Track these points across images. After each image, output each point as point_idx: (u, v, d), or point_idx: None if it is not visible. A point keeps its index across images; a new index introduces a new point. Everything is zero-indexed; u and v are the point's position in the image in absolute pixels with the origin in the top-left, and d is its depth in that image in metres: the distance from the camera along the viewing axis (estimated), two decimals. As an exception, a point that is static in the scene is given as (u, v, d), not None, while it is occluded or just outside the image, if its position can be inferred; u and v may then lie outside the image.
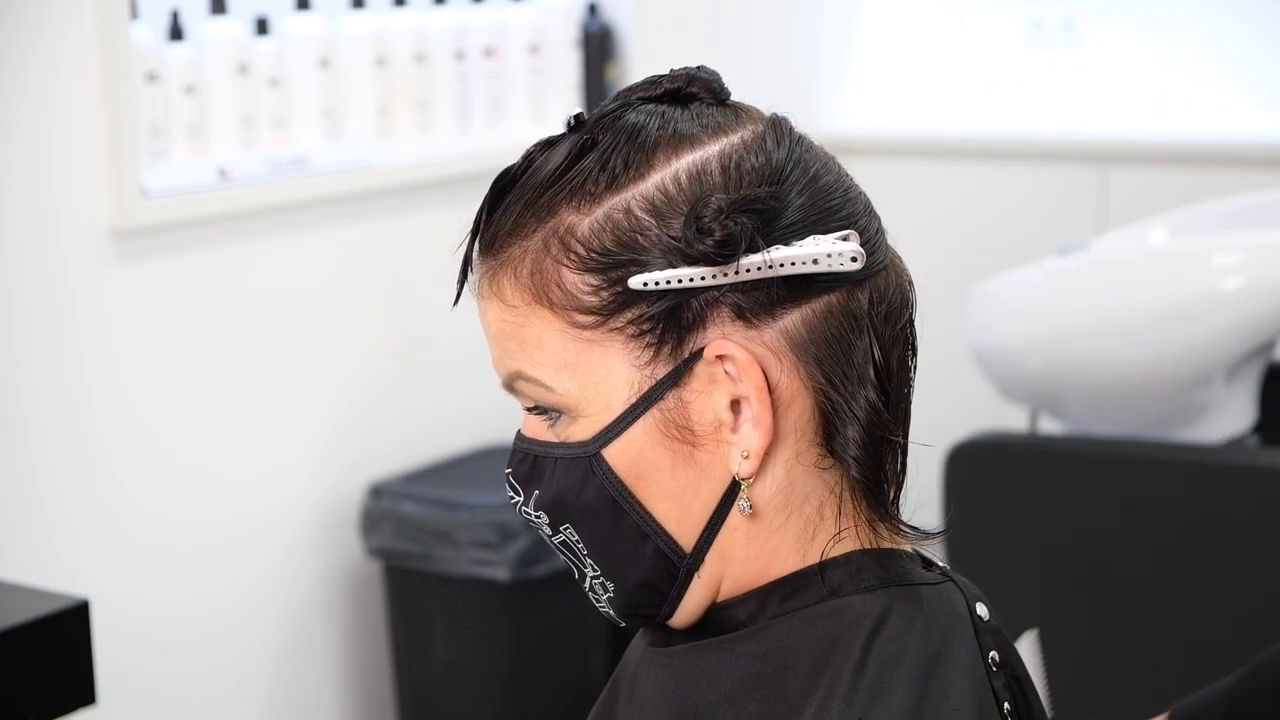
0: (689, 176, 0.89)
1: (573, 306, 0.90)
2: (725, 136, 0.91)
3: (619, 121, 0.91)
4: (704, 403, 0.89)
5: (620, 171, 0.90)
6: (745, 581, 0.93)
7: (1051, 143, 3.46)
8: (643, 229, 0.89)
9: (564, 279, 0.90)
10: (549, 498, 0.93)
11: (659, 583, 0.93)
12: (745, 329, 0.89)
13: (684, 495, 0.91)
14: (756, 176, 0.89)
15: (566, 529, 0.94)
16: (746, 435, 0.89)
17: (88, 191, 2.22)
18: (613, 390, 0.90)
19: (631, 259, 0.88)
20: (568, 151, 0.91)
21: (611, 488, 0.91)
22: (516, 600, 2.52)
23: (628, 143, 0.90)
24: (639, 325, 0.89)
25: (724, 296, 0.88)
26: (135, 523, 2.34)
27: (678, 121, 0.92)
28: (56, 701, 1.73)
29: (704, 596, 0.93)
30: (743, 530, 0.92)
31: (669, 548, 0.92)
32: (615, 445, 0.90)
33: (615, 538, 0.92)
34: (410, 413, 2.77)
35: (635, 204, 0.89)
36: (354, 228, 2.65)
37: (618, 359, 0.90)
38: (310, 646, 2.64)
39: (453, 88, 2.78)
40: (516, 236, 0.91)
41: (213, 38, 2.45)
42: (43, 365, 2.20)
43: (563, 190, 0.90)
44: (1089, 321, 2.31)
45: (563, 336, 0.90)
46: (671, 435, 0.90)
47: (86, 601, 1.76)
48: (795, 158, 0.91)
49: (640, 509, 0.91)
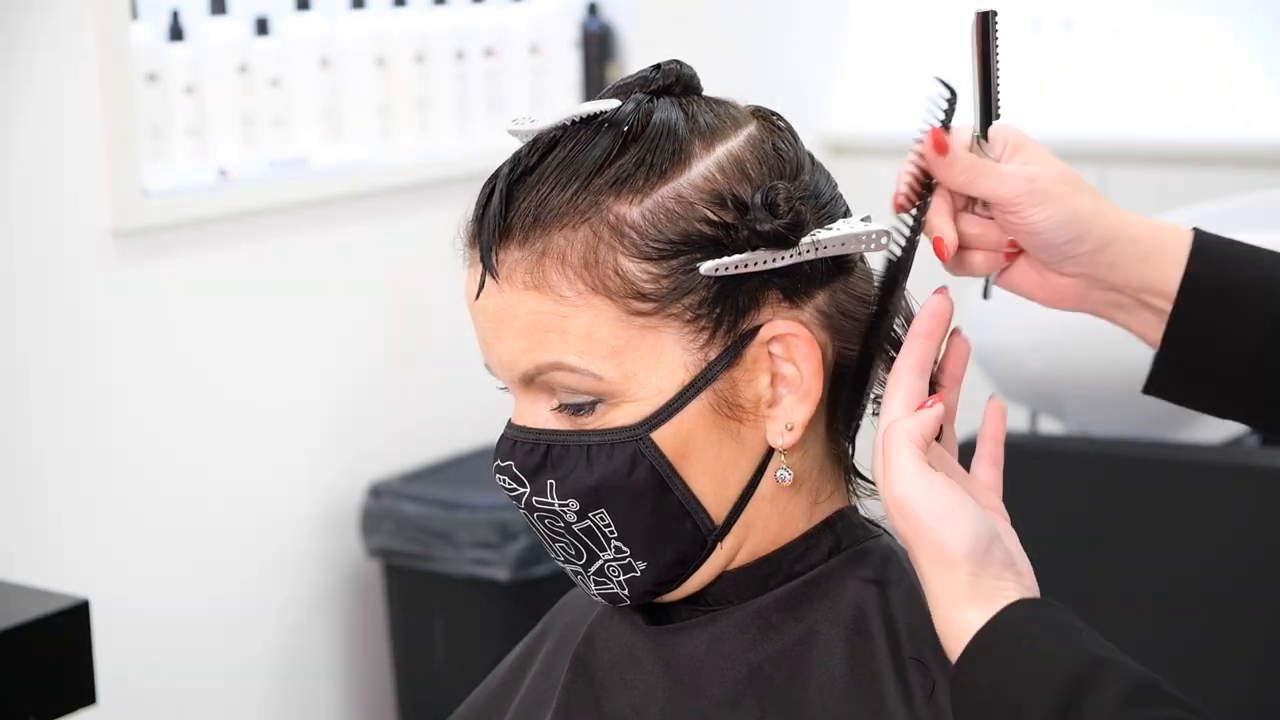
0: (730, 164, 0.94)
1: (630, 294, 0.92)
2: (743, 128, 0.96)
3: (650, 116, 0.94)
4: (751, 380, 0.94)
5: (663, 162, 0.93)
6: (762, 546, 0.98)
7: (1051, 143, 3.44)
8: (701, 216, 0.92)
9: (621, 266, 0.92)
10: (588, 484, 0.94)
11: (690, 556, 0.96)
12: (790, 308, 0.94)
13: (724, 470, 0.95)
14: (788, 165, 0.96)
15: (598, 514, 0.95)
16: (789, 408, 0.95)
17: (88, 192, 2.22)
18: (666, 374, 0.93)
19: (691, 246, 0.92)
20: (606, 146, 0.93)
21: (661, 468, 0.94)
22: (516, 600, 2.52)
23: (665, 136, 0.94)
24: (696, 310, 0.92)
25: (773, 279, 0.93)
26: (136, 522, 2.34)
27: (699, 115, 0.96)
28: (56, 701, 1.73)
29: (719, 565, 0.98)
30: (768, 498, 0.97)
31: (704, 522, 0.96)
32: (666, 427, 0.93)
33: (658, 516, 0.95)
34: (410, 413, 2.76)
35: (687, 192, 0.93)
36: (354, 228, 2.65)
37: (671, 343, 0.93)
38: (310, 646, 2.64)
39: (453, 88, 2.78)
40: (557, 226, 0.92)
41: (213, 38, 2.45)
42: (43, 366, 2.20)
43: (608, 181, 0.92)
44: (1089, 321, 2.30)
45: (616, 324, 0.92)
46: (723, 413, 0.94)
47: (86, 601, 1.76)
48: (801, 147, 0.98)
49: (684, 488, 0.95)
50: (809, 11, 3.69)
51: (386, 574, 2.63)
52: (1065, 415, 2.37)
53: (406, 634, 2.63)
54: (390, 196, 2.70)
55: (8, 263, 2.15)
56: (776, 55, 3.55)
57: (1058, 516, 2.29)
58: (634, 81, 0.97)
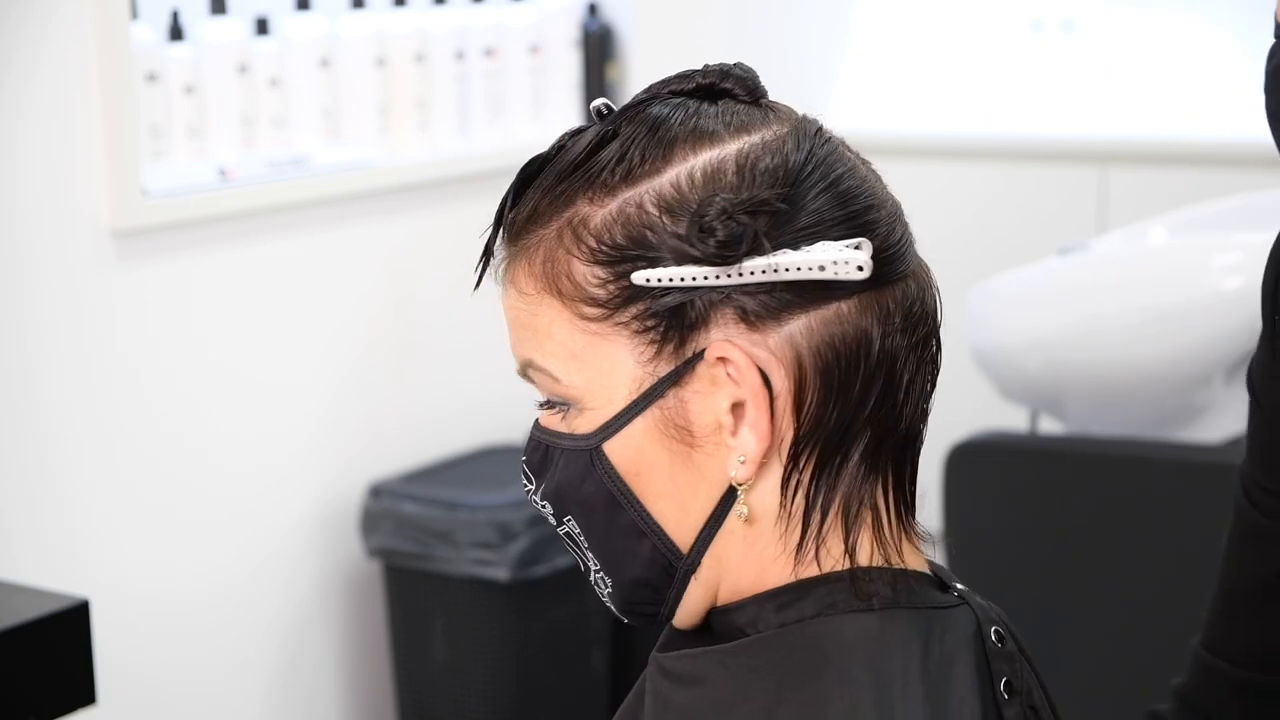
0: (704, 174, 0.88)
1: (580, 298, 0.89)
2: (746, 135, 0.89)
3: (643, 114, 0.90)
4: (704, 404, 0.88)
5: (637, 164, 0.89)
6: (742, 587, 0.91)
7: (1051, 143, 3.46)
8: (652, 225, 0.87)
9: (574, 270, 0.89)
10: (552, 488, 0.93)
11: (656, 582, 0.92)
12: (749, 332, 0.87)
13: (682, 496, 0.90)
14: (770, 178, 0.87)
15: (569, 521, 0.93)
16: (744, 440, 0.88)
17: (88, 191, 2.22)
18: (616, 385, 0.89)
19: (639, 254, 0.87)
20: (589, 141, 0.90)
21: (610, 483, 0.90)
22: (516, 600, 2.52)
23: (648, 136, 0.89)
24: (643, 321, 0.88)
25: (729, 298, 0.87)
26: (136, 522, 2.34)
27: (701, 117, 0.90)
28: (56, 701, 1.73)
29: (702, 599, 0.92)
30: (739, 535, 0.90)
31: (666, 547, 0.91)
32: (615, 440, 0.90)
33: (613, 533, 0.91)
34: (410, 413, 2.77)
35: (648, 199, 0.88)
36: (354, 228, 2.65)
37: (623, 354, 0.89)
38: (310, 646, 2.64)
39: (453, 88, 2.78)
40: (535, 224, 0.91)
41: (213, 38, 2.45)
42: (42, 366, 2.20)
43: (579, 180, 0.90)
44: (1089, 321, 2.31)
45: (571, 327, 0.89)
46: (670, 435, 0.89)
47: (86, 601, 1.76)
48: (817, 159, 0.89)
49: (638, 506, 0.90)
50: (809, 11, 3.69)
51: (386, 574, 2.63)
52: (1065, 415, 2.37)
53: (406, 634, 2.63)
54: (390, 196, 2.70)
55: (7, 262, 2.15)
56: (777, 55, 3.55)
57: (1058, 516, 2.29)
58: (672, 79, 0.93)
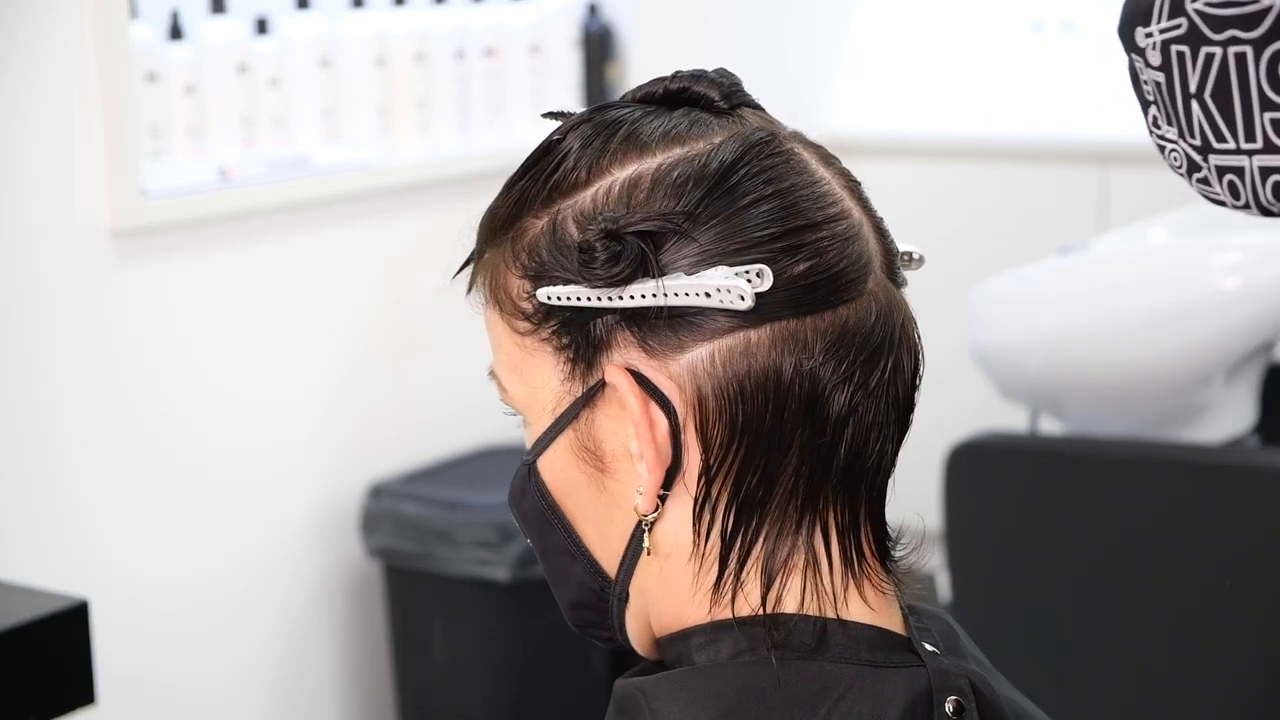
0: (622, 188, 0.83)
1: (513, 312, 0.86)
2: (676, 147, 0.84)
3: (586, 123, 0.86)
4: (614, 428, 0.84)
5: (570, 175, 0.85)
6: (666, 623, 0.86)
7: (1051, 143, 3.46)
8: (565, 240, 0.84)
9: (509, 284, 0.87)
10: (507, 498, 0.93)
11: (591, 605, 0.90)
12: (648, 358, 0.82)
13: (602, 521, 0.87)
14: (676, 193, 0.81)
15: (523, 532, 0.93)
16: (640, 470, 0.83)
17: (88, 192, 2.22)
18: (544, 402, 0.86)
19: (553, 271, 0.84)
20: (537, 151, 0.87)
21: (542, 500, 0.88)
22: (516, 600, 2.52)
23: (582, 146, 0.85)
24: (560, 339, 0.84)
25: (626, 321, 0.82)
26: (136, 522, 2.34)
27: (643, 127, 0.85)
28: (56, 701, 1.73)
29: (638, 628, 0.89)
30: (656, 569, 0.85)
31: (595, 572, 0.88)
32: (544, 458, 0.87)
33: (549, 552, 0.90)
34: (410, 413, 2.77)
35: (570, 213, 0.84)
36: (354, 228, 2.65)
37: (548, 371, 0.86)
38: (310, 646, 2.64)
39: (453, 88, 2.78)
40: (500, 234, 0.89)
41: (212, 38, 2.45)
42: (42, 366, 2.20)
43: (526, 192, 0.86)
44: (1089, 321, 2.31)
45: (510, 341, 0.87)
46: (583, 458, 0.86)
47: (86, 601, 1.76)
48: (747, 174, 0.82)
49: (568, 527, 0.88)
50: (809, 11, 3.69)
51: (386, 574, 2.63)
52: (1065, 415, 2.37)
53: (406, 634, 2.63)
54: (390, 196, 2.70)
55: (7, 262, 2.15)
56: (777, 55, 3.55)
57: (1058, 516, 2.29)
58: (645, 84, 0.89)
